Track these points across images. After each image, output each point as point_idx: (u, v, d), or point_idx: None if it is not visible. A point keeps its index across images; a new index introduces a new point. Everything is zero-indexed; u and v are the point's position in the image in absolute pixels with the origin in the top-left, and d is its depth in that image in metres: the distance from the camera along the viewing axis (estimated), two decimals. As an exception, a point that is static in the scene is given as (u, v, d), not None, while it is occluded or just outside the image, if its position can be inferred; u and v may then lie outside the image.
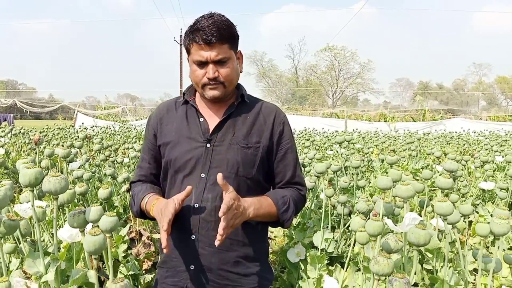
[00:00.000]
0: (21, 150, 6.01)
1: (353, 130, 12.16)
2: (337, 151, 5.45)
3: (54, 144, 5.51)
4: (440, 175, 1.77)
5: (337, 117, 22.21)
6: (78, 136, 6.57)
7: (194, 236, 1.37)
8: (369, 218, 1.39)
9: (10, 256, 1.47)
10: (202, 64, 1.36)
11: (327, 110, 28.21)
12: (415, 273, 1.68)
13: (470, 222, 2.65)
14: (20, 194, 1.76)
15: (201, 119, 1.43)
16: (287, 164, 1.46)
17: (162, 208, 1.29)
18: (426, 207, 1.85)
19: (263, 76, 51.31)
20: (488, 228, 1.28)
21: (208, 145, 1.39)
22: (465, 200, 3.13)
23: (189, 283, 1.39)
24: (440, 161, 4.50)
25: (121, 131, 9.68)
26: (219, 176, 1.21)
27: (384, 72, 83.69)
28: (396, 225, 1.39)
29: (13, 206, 1.55)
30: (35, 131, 7.39)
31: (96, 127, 10.99)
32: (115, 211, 2.91)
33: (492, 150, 5.14)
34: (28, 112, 32.57)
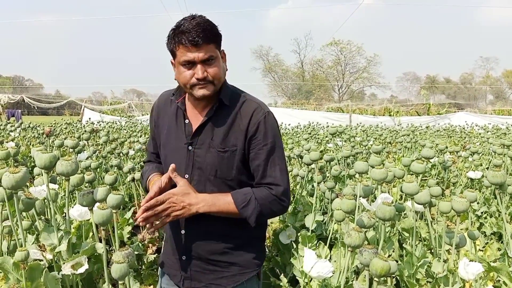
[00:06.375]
0: (30, 144, 6.21)
1: (357, 124, 12.25)
2: (336, 144, 5.59)
3: (62, 138, 5.70)
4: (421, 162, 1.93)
5: (342, 112, 22.24)
6: (85, 130, 6.77)
7: (183, 231, 1.53)
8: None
9: (26, 233, 1.64)
10: (190, 64, 1.41)
11: (332, 105, 28.17)
12: (393, 250, 1.84)
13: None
14: (32, 184, 1.94)
15: (186, 121, 1.53)
16: (259, 164, 1.48)
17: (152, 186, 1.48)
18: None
19: (269, 71, 51.26)
20: (450, 205, 1.42)
21: (190, 147, 1.49)
22: (454, 189, 3.27)
23: (183, 273, 1.55)
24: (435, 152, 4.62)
25: (127, 125, 9.87)
26: (171, 167, 1.40)
27: (391, 66, 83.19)
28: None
29: (28, 189, 1.72)
30: (43, 126, 7.59)
31: (103, 122, 11.19)
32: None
33: (488, 142, 5.26)
34: (36, 108, 32.84)
